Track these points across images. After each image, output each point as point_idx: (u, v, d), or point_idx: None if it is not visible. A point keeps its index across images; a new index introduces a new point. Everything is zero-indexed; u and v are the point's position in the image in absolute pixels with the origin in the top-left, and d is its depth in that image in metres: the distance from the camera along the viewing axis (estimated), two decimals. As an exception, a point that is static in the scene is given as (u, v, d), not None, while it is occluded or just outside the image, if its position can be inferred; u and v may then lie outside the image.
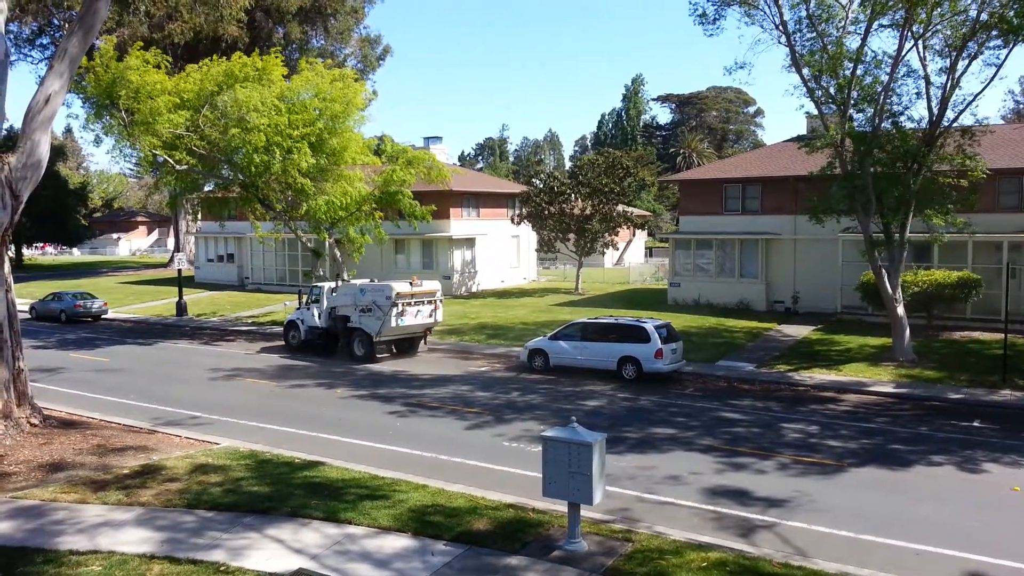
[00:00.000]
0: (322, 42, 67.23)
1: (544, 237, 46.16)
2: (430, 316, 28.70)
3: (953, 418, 19.78)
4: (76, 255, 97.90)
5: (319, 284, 31.13)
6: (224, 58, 31.35)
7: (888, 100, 25.22)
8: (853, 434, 18.22)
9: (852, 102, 25.00)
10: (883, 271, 25.84)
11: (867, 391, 22.57)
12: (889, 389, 22.63)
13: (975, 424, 19.18)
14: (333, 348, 29.55)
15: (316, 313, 29.98)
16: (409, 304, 27.72)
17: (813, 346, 28.55)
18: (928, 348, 26.97)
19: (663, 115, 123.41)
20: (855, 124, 25.72)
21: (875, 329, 29.91)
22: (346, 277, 32.39)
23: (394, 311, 27.14)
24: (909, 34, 24.29)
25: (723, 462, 15.98)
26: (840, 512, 13.12)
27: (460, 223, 46.52)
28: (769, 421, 19.54)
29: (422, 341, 29.72)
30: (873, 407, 21.12)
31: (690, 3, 32.96)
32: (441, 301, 29.36)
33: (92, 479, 14.08)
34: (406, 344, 29.23)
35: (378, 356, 27.88)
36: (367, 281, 30.26)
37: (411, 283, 28.36)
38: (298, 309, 31.12)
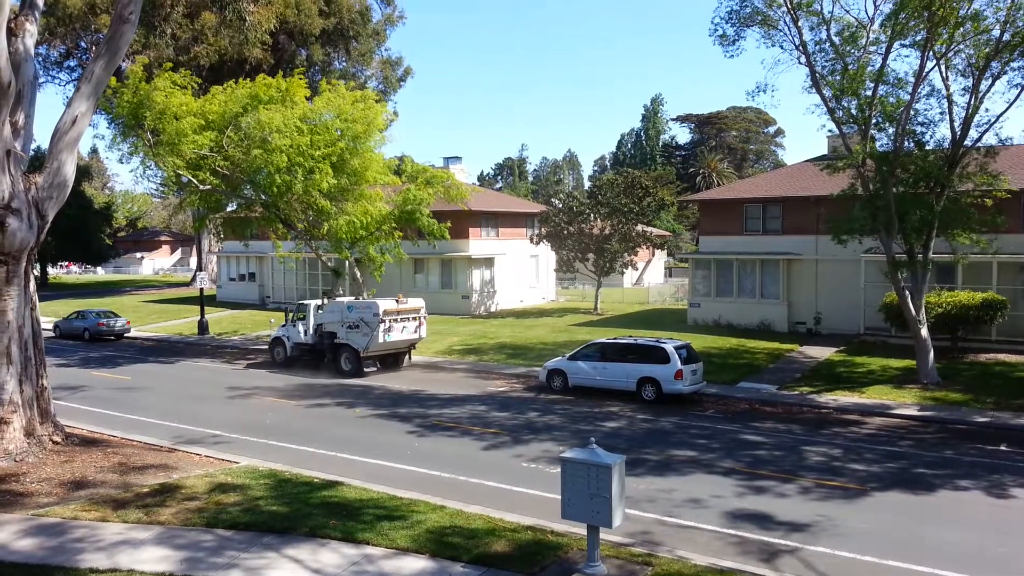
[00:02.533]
0: (344, 64, 68.09)
1: (563, 257, 46.21)
2: (415, 332, 29.74)
3: (979, 442, 19.44)
4: (100, 274, 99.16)
5: (305, 302, 32.28)
6: (248, 80, 31.84)
7: (910, 120, 25.06)
8: (877, 458, 17.95)
9: (874, 122, 24.85)
10: (906, 292, 25.54)
11: (891, 414, 22.26)
12: (913, 412, 22.31)
13: (1002, 448, 18.84)
14: (319, 363, 30.26)
15: (302, 330, 30.90)
16: (396, 320, 28.69)
17: (835, 368, 28.24)
18: (953, 370, 26.60)
19: (682, 135, 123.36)
20: (876, 144, 25.56)
21: (898, 351, 29.57)
22: (365, 294, 32.71)
23: (381, 327, 28.03)
24: (931, 54, 24.13)
25: (744, 485, 15.80)
26: (864, 537, 12.90)
27: (479, 242, 46.64)
28: (791, 444, 19.31)
29: (407, 356, 30.65)
30: (897, 430, 20.82)
31: (711, 24, 33.30)
32: (425, 318, 30.27)
33: (113, 497, 14.16)
34: (391, 359, 30.11)
35: (365, 370, 28.68)
36: (353, 299, 30.96)
37: (397, 300, 29.27)
38: (282, 326, 31.92)
